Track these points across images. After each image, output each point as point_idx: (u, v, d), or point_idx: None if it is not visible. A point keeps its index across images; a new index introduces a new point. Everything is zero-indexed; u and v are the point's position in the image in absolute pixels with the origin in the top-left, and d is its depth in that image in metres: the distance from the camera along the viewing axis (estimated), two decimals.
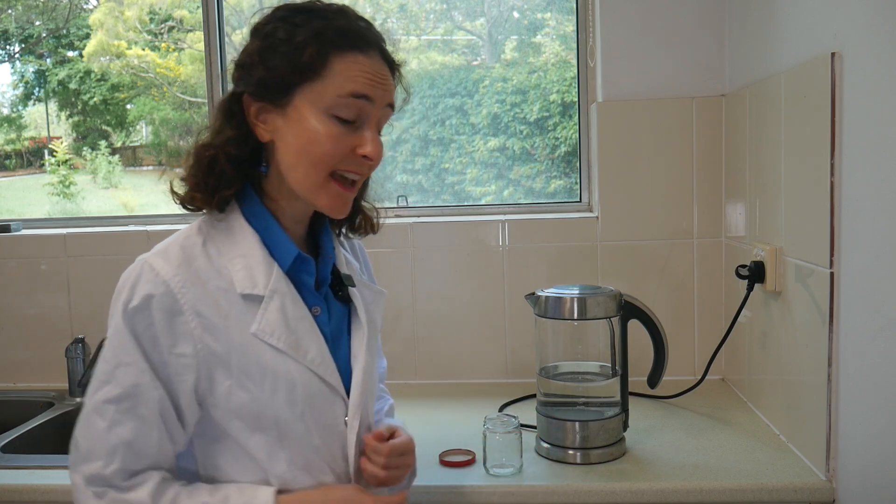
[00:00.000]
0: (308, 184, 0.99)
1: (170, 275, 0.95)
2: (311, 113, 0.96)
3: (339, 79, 0.96)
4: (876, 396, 1.11)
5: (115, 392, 0.94)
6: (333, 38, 0.97)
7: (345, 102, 0.96)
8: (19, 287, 2.07)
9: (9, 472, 1.46)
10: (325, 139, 0.96)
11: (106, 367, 0.96)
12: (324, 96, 0.96)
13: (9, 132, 2.94)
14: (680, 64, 1.85)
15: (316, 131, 0.96)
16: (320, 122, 0.96)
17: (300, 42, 0.96)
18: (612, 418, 1.43)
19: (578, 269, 1.92)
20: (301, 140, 0.97)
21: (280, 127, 0.98)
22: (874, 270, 1.10)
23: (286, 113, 0.97)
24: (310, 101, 0.96)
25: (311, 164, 0.98)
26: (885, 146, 1.06)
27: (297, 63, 0.96)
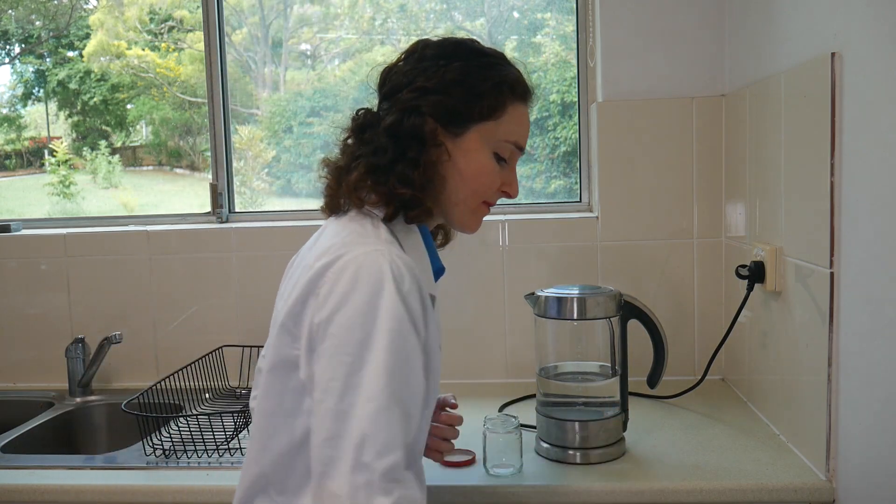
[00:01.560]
0: (465, 206, 1.12)
1: (412, 264, 0.99)
2: (481, 148, 1.10)
3: (509, 125, 1.11)
4: (876, 396, 1.11)
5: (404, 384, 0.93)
6: (514, 89, 1.12)
7: (507, 147, 1.12)
8: (19, 287, 2.07)
9: (9, 472, 1.46)
10: (488, 173, 1.11)
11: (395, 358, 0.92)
12: (495, 136, 1.10)
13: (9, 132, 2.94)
14: (680, 64, 1.85)
15: (483, 165, 1.10)
16: (487, 158, 1.11)
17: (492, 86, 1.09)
18: (611, 418, 1.42)
19: (578, 269, 1.92)
20: (470, 169, 1.10)
21: (451, 151, 1.08)
22: (874, 270, 1.10)
23: (459, 142, 1.09)
24: (482, 136, 1.10)
25: (473, 191, 1.11)
26: (885, 146, 1.06)
27: (484, 103, 1.08)
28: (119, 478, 1.43)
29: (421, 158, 1.05)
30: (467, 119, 1.08)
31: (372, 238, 1.01)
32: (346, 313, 0.93)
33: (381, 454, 0.88)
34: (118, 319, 2.00)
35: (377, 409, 0.90)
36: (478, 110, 1.08)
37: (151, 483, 1.40)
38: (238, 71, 2.18)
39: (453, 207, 1.12)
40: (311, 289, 0.97)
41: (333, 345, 0.93)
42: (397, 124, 1.07)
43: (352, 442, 0.88)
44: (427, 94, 1.07)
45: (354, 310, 0.92)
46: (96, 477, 1.45)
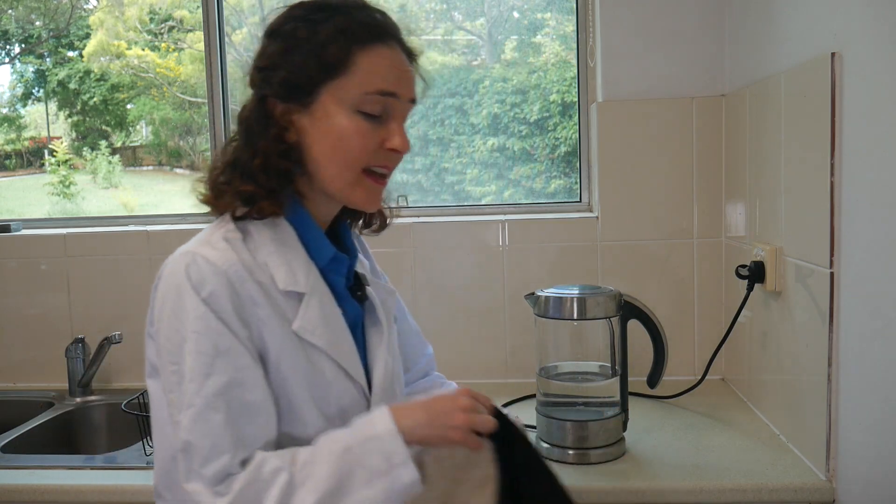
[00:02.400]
0: (341, 181, 0.99)
1: (226, 265, 0.94)
2: (338, 110, 0.97)
3: (364, 75, 0.97)
4: (876, 396, 1.11)
5: (222, 381, 0.90)
6: (356, 33, 0.97)
7: (371, 99, 0.97)
8: (19, 287, 2.07)
9: (9, 472, 1.46)
10: (354, 136, 0.97)
11: (204, 359, 0.91)
12: (350, 93, 0.96)
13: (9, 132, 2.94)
14: (680, 64, 1.85)
15: (345, 128, 0.97)
16: (348, 119, 0.97)
17: (323, 39, 0.96)
18: (611, 418, 1.42)
19: (578, 269, 1.92)
20: (330, 138, 0.97)
21: (307, 127, 0.98)
22: (874, 270, 1.10)
23: (312, 112, 0.98)
24: (336, 98, 0.97)
25: (344, 162, 0.98)
26: (885, 146, 1.06)
27: (321, 61, 0.96)
28: (119, 478, 1.43)
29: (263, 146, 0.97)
30: (310, 85, 0.97)
31: (194, 241, 0.99)
32: (163, 322, 0.94)
33: (207, 460, 0.89)
34: (118, 319, 2.00)
35: (194, 415, 0.90)
36: (318, 71, 0.96)
37: (151, 483, 1.39)
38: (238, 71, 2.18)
39: (330, 185, 1.00)
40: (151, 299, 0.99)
41: (164, 355, 0.94)
42: (242, 113, 1.01)
43: (181, 451, 0.90)
44: (266, 74, 0.98)
45: (167, 318, 0.93)
46: (96, 477, 1.45)
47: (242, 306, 0.94)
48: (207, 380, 0.90)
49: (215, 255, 0.94)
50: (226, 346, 0.91)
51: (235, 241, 0.98)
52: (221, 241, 0.97)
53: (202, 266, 0.93)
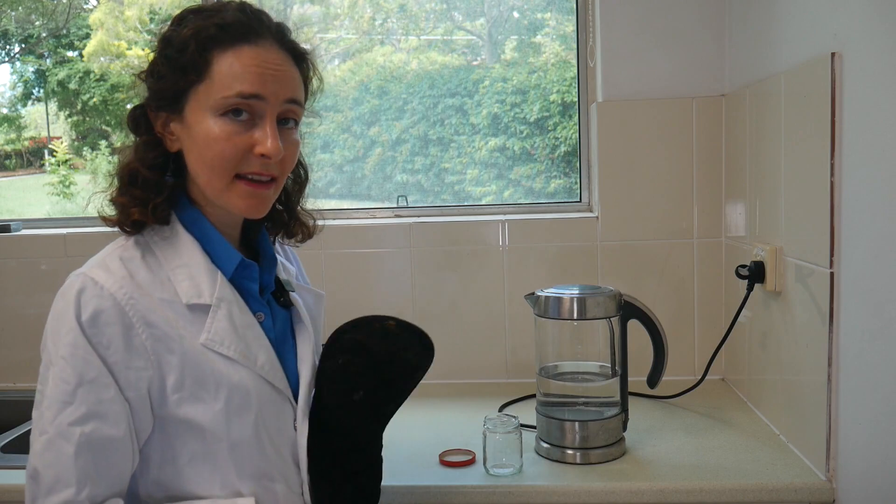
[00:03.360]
0: (214, 189, 0.97)
1: (115, 287, 0.92)
2: (202, 116, 0.94)
3: (224, 79, 0.93)
4: (876, 396, 1.11)
5: (80, 412, 0.88)
6: (213, 35, 0.93)
7: (231, 102, 0.93)
8: (19, 287, 2.07)
9: (9, 472, 1.46)
10: (216, 141, 0.93)
11: (65, 387, 0.88)
12: (211, 98, 0.93)
13: (9, 132, 2.94)
14: (680, 64, 1.85)
15: (209, 134, 0.93)
16: (213, 124, 0.93)
17: (180, 44, 0.94)
18: (611, 418, 1.42)
19: (578, 269, 1.92)
20: (198, 145, 0.95)
21: (181, 134, 0.97)
22: (874, 270, 1.10)
23: (183, 119, 0.96)
24: (199, 104, 0.94)
25: (211, 168, 0.95)
26: (885, 146, 1.06)
27: (180, 67, 0.94)
28: None
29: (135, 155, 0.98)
30: (176, 92, 0.95)
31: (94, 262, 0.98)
32: (45, 341, 0.93)
33: (51, 491, 0.88)
34: None
35: (45, 443, 0.88)
36: (179, 77, 0.94)
37: None
38: None
39: (207, 192, 0.98)
40: None
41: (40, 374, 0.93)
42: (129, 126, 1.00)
43: (29, 477, 0.90)
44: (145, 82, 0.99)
45: (48, 338, 0.92)
46: None
47: (131, 330, 0.91)
48: (65, 408, 0.88)
49: (105, 278, 0.93)
50: (91, 377, 0.89)
51: (132, 259, 0.97)
52: (116, 261, 0.96)
53: (89, 289, 0.92)
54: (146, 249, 0.99)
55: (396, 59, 2.39)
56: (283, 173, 1.00)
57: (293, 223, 1.15)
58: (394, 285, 1.96)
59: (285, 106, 0.97)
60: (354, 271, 1.97)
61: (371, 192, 2.32)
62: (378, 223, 2.00)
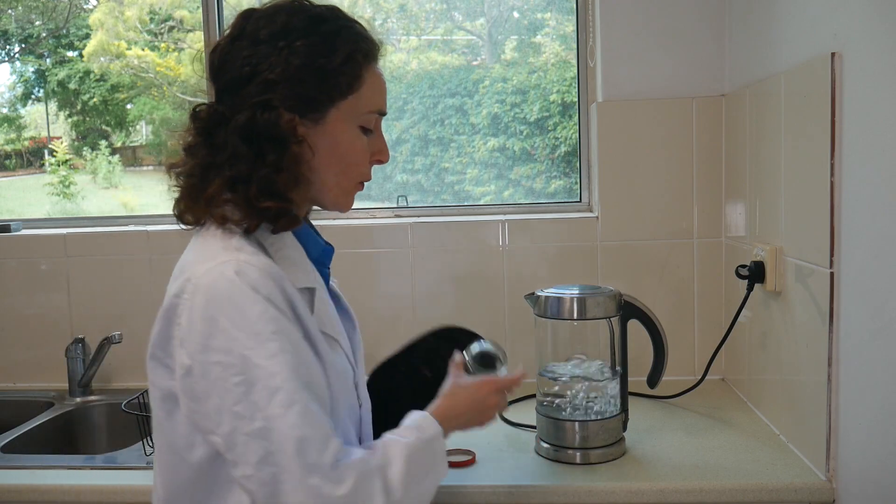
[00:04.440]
0: (339, 190, 1.04)
1: (267, 266, 0.94)
2: (347, 127, 1.01)
3: (369, 94, 1.02)
4: (876, 396, 1.11)
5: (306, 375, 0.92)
6: (365, 51, 1.02)
7: (372, 117, 1.03)
8: (19, 287, 2.07)
9: (9, 472, 1.46)
10: (360, 152, 1.03)
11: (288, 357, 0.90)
12: (358, 111, 1.01)
13: (9, 132, 2.94)
14: (680, 64, 1.85)
15: (350, 144, 1.02)
16: (353, 135, 1.02)
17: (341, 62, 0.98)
18: (611, 418, 1.42)
19: (578, 269, 1.92)
20: (337, 152, 1.01)
21: (310, 137, 0.99)
22: (874, 270, 1.10)
23: (319, 128, 1.00)
24: (344, 114, 1.00)
25: (345, 173, 1.03)
26: (885, 146, 1.06)
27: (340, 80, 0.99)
28: (119, 478, 1.43)
29: (283, 161, 0.96)
30: (326, 102, 0.99)
31: (219, 251, 0.95)
32: (220, 337, 0.89)
33: (323, 448, 0.89)
34: (118, 319, 2.00)
35: (301, 410, 0.89)
36: (335, 90, 0.99)
37: (151, 483, 1.39)
38: None
39: (326, 194, 1.04)
40: (171, 318, 0.94)
41: (219, 372, 0.89)
42: (250, 125, 0.96)
43: (290, 451, 0.88)
44: (276, 87, 0.96)
45: (225, 331, 0.89)
46: (96, 477, 1.45)
47: (292, 305, 0.95)
48: (299, 376, 0.91)
49: (256, 260, 0.94)
50: (296, 343, 0.93)
51: (251, 244, 0.97)
52: (248, 246, 0.96)
53: (251, 271, 0.92)
54: (252, 238, 0.99)
55: (396, 59, 2.39)
56: None
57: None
58: (394, 285, 1.96)
59: None
60: (354, 271, 1.96)
61: (371, 192, 2.32)
62: (378, 223, 2.00)
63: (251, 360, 0.89)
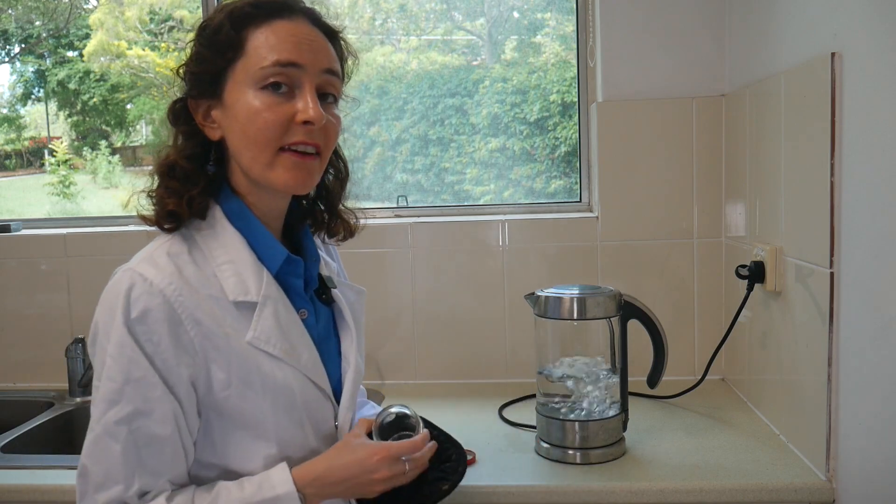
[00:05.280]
0: (259, 165, 0.95)
1: (164, 283, 0.92)
2: (242, 92, 0.94)
3: (261, 50, 0.94)
4: (876, 396, 1.11)
5: (126, 410, 0.89)
6: (248, 13, 0.96)
7: (271, 72, 0.93)
8: (19, 287, 2.07)
9: (9, 472, 1.46)
10: (258, 113, 0.93)
11: (112, 385, 0.89)
12: (248, 71, 0.94)
13: (9, 132, 2.94)
14: (680, 64, 1.85)
15: (250, 107, 0.93)
16: (253, 97, 0.94)
17: (216, 26, 0.96)
18: (611, 418, 1.42)
19: (578, 269, 1.92)
20: (240, 121, 0.94)
21: (222, 120, 0.97)
22: (874, 270, 1.10)
23: (223, 102, 0.97)
24: (237, 82, 0.95)
25: (255, 143, 0.94)
26: (885, 146, 1.06)
27: (216, 48, 0.96)
28: None
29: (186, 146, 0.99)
30: (216, 75, 0.96)
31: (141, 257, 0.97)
32: (96, 339, 0.93)
33: (100, 487, 0.89)
34: None
35: (94, 439, 0.90)
36: (216, 59, 0.96)
37: None
38: None
39: (251, 170, 0.97)
40: None
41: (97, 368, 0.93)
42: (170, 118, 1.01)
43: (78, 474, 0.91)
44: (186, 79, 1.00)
45: (99, 336, 0.92)
46: None
47: (180, 327, 0.91)
48: (112, 407, 0.89)
49: (154, 274, 0.92)
50: (138, 375, 0.89)
51: (180, 255, 0.96)
52: (164, 257, 0.95)
53: (138, 286, 0.91)
54: (192, 244, 0.98)
55: (396, 59, 2.39)
56: (326, 147, 0.99)
57: (335, 221, 1.15)
58: (394, 285, 1.96)
59: (323, 77, 0.97)
60: (354, 271, 1.96)
61: (371, 192, 2.32)
62: (378, 223, 2.00)
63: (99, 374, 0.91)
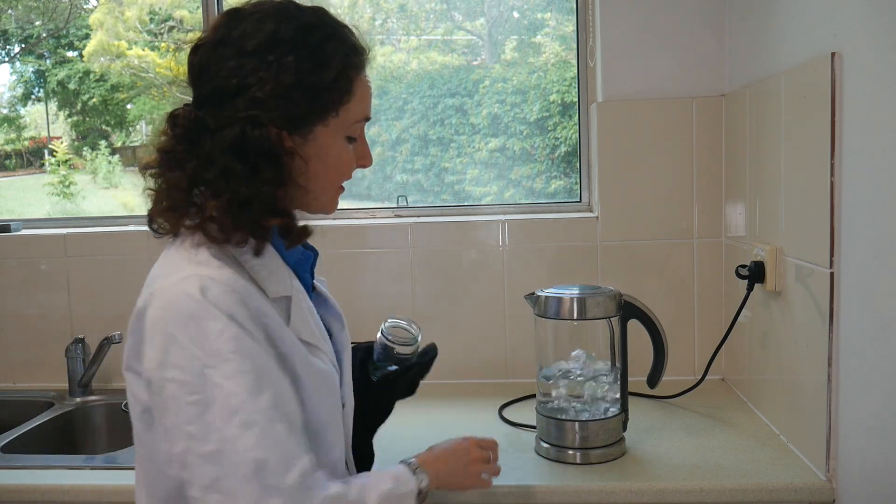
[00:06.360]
0: (326, 197, 1.04)
1: (230, 281, 0.91)
2: (336, 139, 1.00)
3: (358, 104, 1.00)
4: (876, 396, 1.11)
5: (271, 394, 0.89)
6: (355, 63, 0.99)
7: (359, 127, 1.02)
8: (19, 287, 2.07)
9: (9, 472, 1.46)
10: (346, 162, 1.02)
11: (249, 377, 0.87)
12: (346, 123, 1.00)
13: (9, 132, 2.94)
14: (680, 64, 1.85)
15: (339, 154, 1.01)
16: (342, 148, 1.01)
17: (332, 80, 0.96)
18: (611, 418, 1.42)
19: (578, 269, 1.92)
20: (326, 163, 1.00)
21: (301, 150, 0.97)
22: (874, 270, 1.10)
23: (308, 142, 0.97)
24: (333, 129, 0.99)
25: (331, 182, 1.03)
26: (885, 146, 1.06)
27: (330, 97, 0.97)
28: (119, 478, 1.43)
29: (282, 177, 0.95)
30: (316, 119, 0.97)
31: (183, 265, 0.93)
32: (176, 353, 0.87)
33: (287, 468, 0.87)
34: (118, 319, 1.99)
35: (260, 432, 0.86)
36: (326, 107, 0.97)
37: None
38: None
39: (313, 203, 1.03)
40: (137, 331, 0.93)
41: (174, 389, 0.87)
42: (240, 141, 0.92)
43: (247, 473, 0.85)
44: (265, 104, 0.93)
45: (184, 347, 0.87)
46: (96, 477, 1.45)
47: (258, 320, 0.92)
48: (260, 396, 0.87)
49: (220, 274, 0.91)
50: (262, 362, 0.90)
51: (221, 257, 0.95)
52: (214, 260, 0.94)
53: (215, 287, 0.89)
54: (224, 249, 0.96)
55: (396, 59, 2.39)
56: None
57: None
58: (394, 285, 1.96)
59: None
60: (354, 271, 1.97)
61: (371, 192, 2.33)
62: (378, 223, 2.00)
63: (209, 378, 0.86)
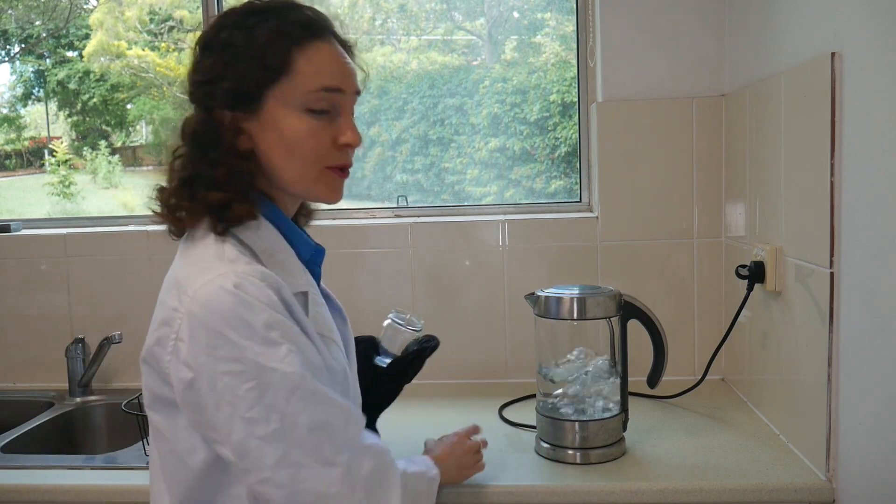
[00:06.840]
0: (305, 180, 1.01)
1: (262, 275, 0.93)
2: (286, 113, 0.98)
3: (307, 73, 0.98)
4: (876, 396, 1.11)
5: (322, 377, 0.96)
6: (292, 32, 0.98)
7: (317, 97, 0.99)
8: (19, 287, 2.07)
9: (9, 472, 1.46)
10: (306, 137, 0.99)
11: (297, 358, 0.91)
12: (295, 94, 0.98)
13: (9, 132, 2.94)
14: (680, 64, 1.85)
15: (295, 130, 0.98)
16: (298, 120, 0.98)
17: (261, 43, 0.97)
18: (611, 418, 1.42)
19: (578, 269, 1.92)
20: (284, 142, 0.98)
21: (258, 132, 0.99)
22: (874, 270, 1.10)
23: (260, 117, 0.98)
24: (282, 101, 0.98)
25: (303, 162, 1.00)
26: (885, 146, 1.06)
27: (262, 65, 0.97)
28: (119, 478, 1.43)
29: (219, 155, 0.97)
30: (256, 91, 0.97)
31: (214, 262, 0.94)
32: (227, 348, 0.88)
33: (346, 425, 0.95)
34: (118, 319, 2.00)
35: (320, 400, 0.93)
36: (261, 76, 0.97)
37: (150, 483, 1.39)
38: None
39: (294, 185, 1.02)
40: (167, 331, 0.94)
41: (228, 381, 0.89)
42: (192, 129, 0.99)
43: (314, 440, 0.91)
44: (210, 87, 0.98)
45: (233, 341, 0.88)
46: (96, 477, 1.45)
47: (291, 310, 0.95)
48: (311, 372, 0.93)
49: (252, 270, 0.93)
50: (303, 344, 0.94)
51: (245, 254, 0.97)
52: (242, 256, 0.95)
53: (250, 281, 0.91)
54: (244, 246, 0.99)
55: (396, 59, 2.39)
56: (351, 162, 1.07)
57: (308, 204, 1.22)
58: (394, 285, 1.96)
59: (353, 97, 1.04)
60: (354, 271, 1.97)
61: (371, 191, 2.33)
62: (378, 223, 2.00)
63: (264, 365, 0.89)
